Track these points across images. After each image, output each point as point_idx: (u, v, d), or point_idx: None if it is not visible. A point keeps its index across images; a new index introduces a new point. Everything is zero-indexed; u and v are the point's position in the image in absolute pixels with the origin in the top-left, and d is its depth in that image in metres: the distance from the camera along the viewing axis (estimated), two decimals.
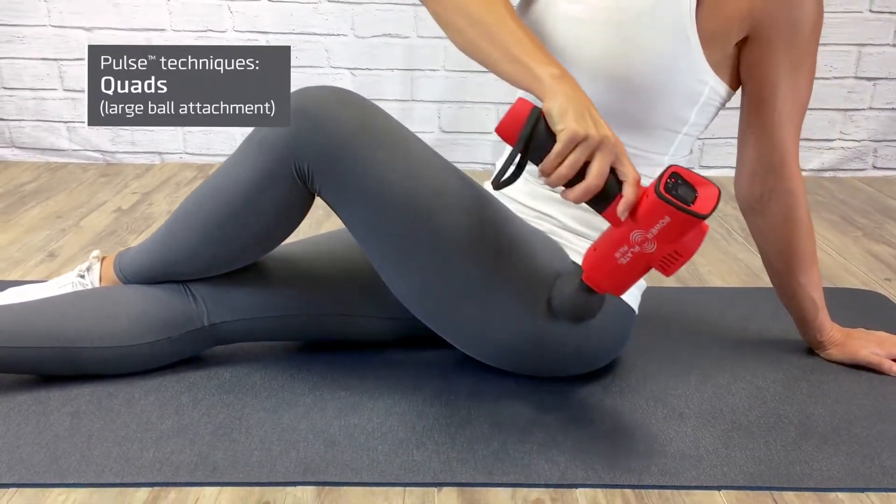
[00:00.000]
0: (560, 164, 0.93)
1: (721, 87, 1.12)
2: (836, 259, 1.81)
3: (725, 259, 1.79)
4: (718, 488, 1.00)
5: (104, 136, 2.53)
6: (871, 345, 1.30)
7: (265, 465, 1.02)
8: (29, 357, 1.15)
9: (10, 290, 1.31)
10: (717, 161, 2.54)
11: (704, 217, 0.89)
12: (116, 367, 1.19)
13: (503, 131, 0.95)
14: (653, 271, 0.97)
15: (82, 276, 1.28)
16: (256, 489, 0.98)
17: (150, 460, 1.02)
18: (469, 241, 1.09)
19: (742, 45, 1.11)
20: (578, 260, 1.16)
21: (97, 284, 1.27)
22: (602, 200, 0.94)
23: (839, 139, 2.55)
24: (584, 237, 1.17)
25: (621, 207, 0.93)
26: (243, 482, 0.99)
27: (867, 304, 1.55)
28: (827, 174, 2.56)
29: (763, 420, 1.14)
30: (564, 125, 0.92)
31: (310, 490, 0.98)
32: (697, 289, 1.63)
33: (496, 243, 1.11)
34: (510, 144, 0.95)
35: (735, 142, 1.23)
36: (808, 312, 1.28)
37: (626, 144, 1.12)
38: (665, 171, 0.93)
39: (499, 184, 0.95)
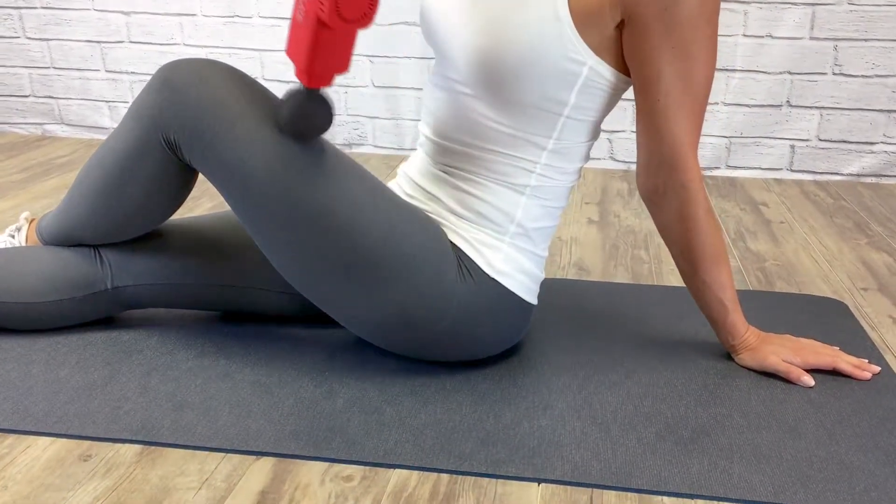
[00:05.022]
0: None
1: (606, 71, 1.08)
2: (820, 265, 1.70)
3: None
4: (538, 481, 0.96)
5: None
6: (784, 351, 1.21)
7: (107, 421, 1.05)
8: None
9: None
10: (746, 161, 2.40)
11: None
12: (24, 322, 1.27)
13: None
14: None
15: (12, 236, 1.36)
16: (86, 443, 1.02)
17: (8, 409, 1.08)
18: (328, 216, 1.08)
19: (622, 28, 1.06)
20: (457, 241, 1.15)
21: (24, 244, 1.35)
22: None
23: (882, 143, 2.37)
24: (467, 221, 1.15)
25: None
26: (76, 435, 1.03)
27: (822, 312, 1.44)
28: (867, 180, 2.39)
29: (629, 419, 1.09)
30: None
31: (134, 448, 1.01)
32: (645, 286, 1.56)
33: (361, 218, 1.09)
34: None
35: (766, 141, 1.17)
36: (716, 314, 1.21)
37: (504, 125, 1.11)
38: None
39: None
